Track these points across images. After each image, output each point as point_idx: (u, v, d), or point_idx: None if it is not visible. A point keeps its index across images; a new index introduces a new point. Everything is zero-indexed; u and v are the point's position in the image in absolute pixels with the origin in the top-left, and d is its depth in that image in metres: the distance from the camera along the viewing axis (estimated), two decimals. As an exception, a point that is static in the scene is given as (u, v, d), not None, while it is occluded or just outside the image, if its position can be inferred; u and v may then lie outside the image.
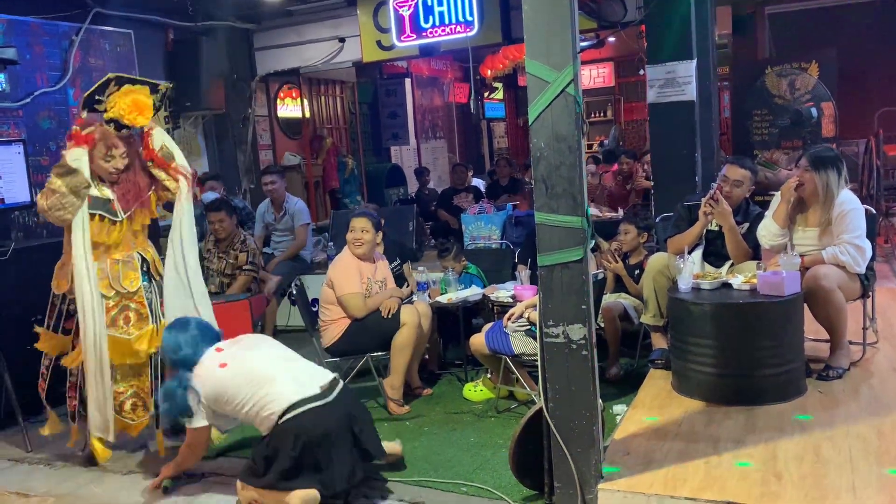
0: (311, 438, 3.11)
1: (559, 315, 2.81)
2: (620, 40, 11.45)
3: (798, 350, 3.64)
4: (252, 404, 3.23)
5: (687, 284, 3.79)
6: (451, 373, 5.02)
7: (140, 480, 3.70)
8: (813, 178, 3.84)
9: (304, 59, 7.87)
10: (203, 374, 3.36)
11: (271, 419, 3.18)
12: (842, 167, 3.84)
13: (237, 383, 3.28)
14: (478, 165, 12.42)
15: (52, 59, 6.12)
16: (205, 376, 3.35)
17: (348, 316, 4.42)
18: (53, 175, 3.63)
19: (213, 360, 3.38)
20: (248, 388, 3.25)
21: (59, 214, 3.61)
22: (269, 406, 3.19)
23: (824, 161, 3.84)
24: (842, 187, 3.83)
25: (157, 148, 3.85)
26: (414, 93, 11.57)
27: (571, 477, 2.84)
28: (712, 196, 4.04)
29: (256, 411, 3.22)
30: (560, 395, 2.86)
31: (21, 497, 3.61)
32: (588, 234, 2.77)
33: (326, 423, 3.16)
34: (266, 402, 3.20)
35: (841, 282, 3.73)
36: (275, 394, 3.21)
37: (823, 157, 3.87)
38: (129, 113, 3.70)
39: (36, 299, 4.85)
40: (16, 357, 4.60)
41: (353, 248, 4.56)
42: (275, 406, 3.18)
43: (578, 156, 2.71)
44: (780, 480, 2.76)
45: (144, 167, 3.93)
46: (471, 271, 5.27)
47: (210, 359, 3.40)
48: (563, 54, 2.66)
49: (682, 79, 5.22)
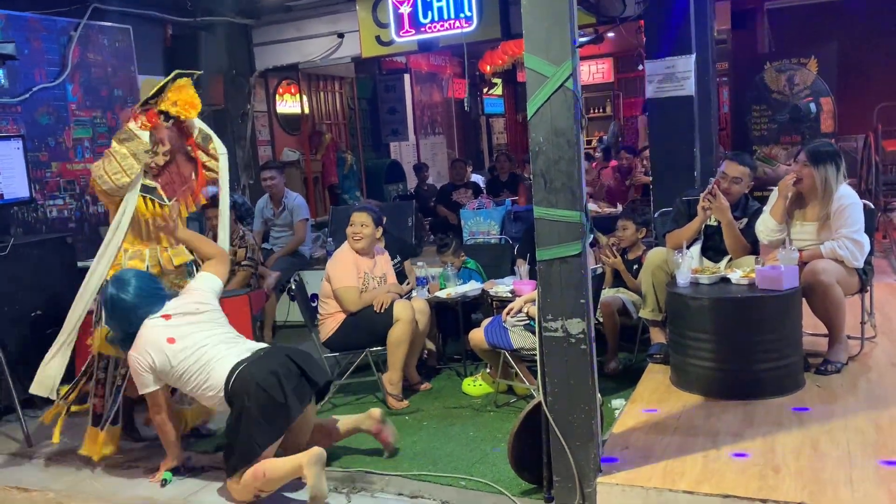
0: (262, 381, 3.22)
1: (558, 309, 2.82)
2: (619, 36, 11.44)
3: (796, 344, 3.65)
4: (195, 384, 3.36)
5: (685, 279, 3.80)
6: (450, 367, 5.03)
7: (139, 475, 3.71)
8: (811, 172, 3.85)
9: (303, 55, 7.86)
10: (151, 341, 3.39)
11: (218, 396, 3.32)
12: (840, 162, 3.84)
13: (184, 362, 3.37)
14: (477, 161, 12.42)
15: (51, 55, 6.11)
16: (153, 344, 3.39)
17: (343, 310, 4.43)
18: (114, 141, 3.76)
19: (161, 331, 3.41)
20: (194, 367, 3.36)
21: (118, 177, 3.67)
22: (212, 385, 3.33)
23: (823, 156, 3.84)
24: (840, 182, 3.83)
25: (195, 135, 4.08)
26: (413, 88, 11.56)
27: (570, 470, 2.84)
28: (710, 191, 4.04)
29: (201, 391, 3.36)
30: (559, 388, 2.86)
31: (21, 492, 3.62)
32: (587, 228, 2.77)
33: (269, 366, 3.30)
34: (209, 383, 3.33)
35: (839, 276, 3.74)
36: (217, 373, 3.32)
37: (822, 151, 3.87)
38: (183, 107, 3.83)
39: (35, 295, 4.88)
40: (15, 352, 4.62)
41: (352, 241, 4.58)
42: (216, 382, 3.32)
43: (577, 150, 2.72)
44: (777, 474, 2.77)
45: (186, 154, 4.08)
46: (469, 266, 5.28)
47: (158, 327, 3.43)
48: (561, 49, 2.66)
49: (681, 74, 5.22)
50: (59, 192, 6.19)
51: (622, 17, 5.29)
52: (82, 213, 6.39)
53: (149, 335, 3.41)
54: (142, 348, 3.39)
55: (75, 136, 6.32)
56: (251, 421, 3.21)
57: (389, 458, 3.64)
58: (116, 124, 6.70)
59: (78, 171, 6.36)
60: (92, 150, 6.47)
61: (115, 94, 6.72)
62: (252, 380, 3.23)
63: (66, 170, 6.25)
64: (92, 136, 6.47)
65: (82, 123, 6.39)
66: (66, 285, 5.09)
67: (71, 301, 4.09)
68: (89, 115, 6.45)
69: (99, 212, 6.56)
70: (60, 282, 5.05)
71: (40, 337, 4.86)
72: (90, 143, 6.46)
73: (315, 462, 3.14)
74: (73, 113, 6.30)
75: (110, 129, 6.64)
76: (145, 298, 3.47)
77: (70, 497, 3.51)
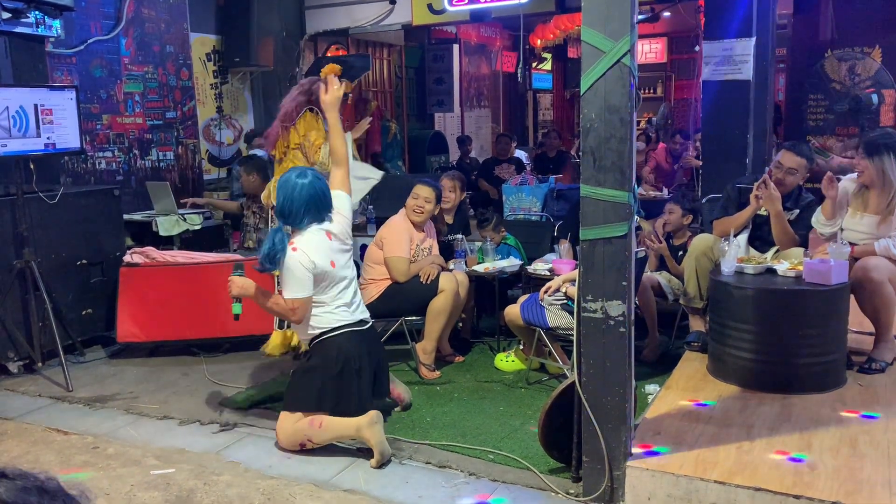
0: (350, 356, 3.35)
1: (599, 290, 2.78)
2: (675, 16, 11.18)
3: (840, 341, 3.56)
4: (317, 312, 3.40)
5: (730, 267, 3.72)
6: (483, 342, 5.02)
7: (174, 426, 3.79)
8: (868, 164, 3.74)
9: (353, 20, 7.83)
10: (322, 249, 3.36)
11: (315, 333, 3.41)
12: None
13: (331, 289, 3.40)
14: (521, 137, 12.31)
15: (107, 8, 6.18)
16: (322, 253, 3.35)
17: (391, 277, 4.44)
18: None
19: (328, 246, 3.39)
20: (331, 297, 3.41)
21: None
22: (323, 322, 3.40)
23: (878, 146, 3.72)
24: None
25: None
26: (461, 60, 11.46)
27: (600, 453, 2.83)
28: (762, 180, 3.94)
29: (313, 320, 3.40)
30: (594, 370, 2.84)
31: (61, 434, 3.72)
32: (634, 209, 2.72)
33: (360, 347, 3.41)
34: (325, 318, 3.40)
35: (892, 275, 3.63)
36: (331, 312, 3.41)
37: (877, 142, 3.75)
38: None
39: (81, 244, 4.99)
40: (60, 299, 4.73)
41: (411, 214, 4.56)
42: (321, 320, 3.40)
43: (630, 129, 2.66)
44: (813, 471, 2.72)
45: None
46: (509, 242, 5.24)
47: (325, 241, 3.39)
48: (621, 23, 2.60)
49: (739, 57, 5.08)
50: (108, 144, 6.30)
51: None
52: (130, 166, 6.50)
53: (320, 244, 3.36)
54: (313, 252, 3.31)
55: (126, 90, 6.41)
56: (328, 384, 3.35)
57: (416, 422, 3.66)
58: (167, 81, 6.78)
59: (128, 124, 6.46)
60: (142, 104, 6.56)
61: (167, 51, 6.78)
62: (343, 350, 3.37)
63: (117, 123, 6.35)
64: (143, 90, 6.55)
65: (134, 78, 6.47)
66: (111, 236, 5.21)
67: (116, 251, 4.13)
68: (141, 69, 6.52)
69: (146, 166, 6.67)
70: (106, 233, 5.16)
71: (85, 286, 5.00)
72: (141, 97, 6.54)
73: (374, 423, 3.28)
74: (125, 67, 6.38)
75: (161, 84, 6.72)
76: (322, 197, 3.41)
77: (107, 442, 3.60)
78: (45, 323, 4.53)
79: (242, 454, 3.44)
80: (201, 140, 7.30)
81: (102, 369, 4.73)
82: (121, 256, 5.07)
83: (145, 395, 4.24)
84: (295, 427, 3.38)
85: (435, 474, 3.20)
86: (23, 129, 4.39)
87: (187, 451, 3.49)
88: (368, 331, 3.53)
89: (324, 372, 3.37)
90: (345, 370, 3.36)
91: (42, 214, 4.71)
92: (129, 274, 4.89)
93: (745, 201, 4.07)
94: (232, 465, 3.34)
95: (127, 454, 3.47)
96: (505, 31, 12.55)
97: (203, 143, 7.35)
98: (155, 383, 4.44)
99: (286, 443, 3.42)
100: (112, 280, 4.99)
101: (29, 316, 4.59)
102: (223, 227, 6.25)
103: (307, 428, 3.36)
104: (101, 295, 5.06)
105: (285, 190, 3.38)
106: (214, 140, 7.52)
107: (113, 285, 4.95)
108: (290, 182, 3.39)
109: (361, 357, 3.40)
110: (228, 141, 7.67)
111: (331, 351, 3.37)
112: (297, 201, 3.35)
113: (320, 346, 3.41)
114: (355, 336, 3.43)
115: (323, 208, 3.43)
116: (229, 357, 4.86)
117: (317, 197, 3.39)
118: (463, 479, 3.14)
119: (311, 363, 3.43)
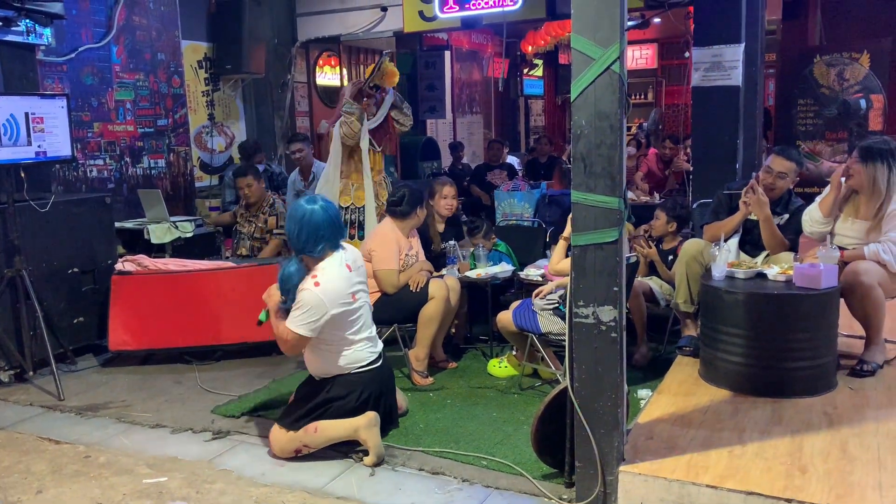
0: (372, 392, 3.43)
1: (590, 296, 2.79)
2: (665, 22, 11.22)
3: (831, 344, 3.59)
4: (340, 341, 3.40)
5: (721, 272, 3.74)
6: (476, 348, 5.03)
7: (166, 434, 3.78)
8: (861, 169, 3.77)
9: (345, 27, 7.85)
10: (337, 283, 3.32)
11: (340, 365, 3.40)
12: (894, 161, 3.74)
13: (352, 320, 3.39)
14: (513, 142, 12.32)
15: (98, 16, 6.18)
16: (335, 291, 3.31)
17: (380, 289, 4.43)
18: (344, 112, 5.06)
19: (345, 278, 3.36)
20: (351, 327, 3.40)
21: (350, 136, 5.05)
22: (346, 355, 3.40)
23: (873, 154, 3.75)
24: (894, 183, 3.73)
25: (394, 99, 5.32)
26: (453, 66, 11.48)
27: (593, 458, 2.83)
28: (750, 185, 3.97)
29: (339, 349, 3.39)
30: (586, 375, 2.84)
31: (52, 443, 3.70)
32: (625, 215, 2.73)
33: (380, 385, 3.48)
34: (349, 348, 3.41)
35: (881, 279, 3.65)
36: (358, 346, 3.43)
37: (872, 149, 3.78)
38: (389, 78, 5.26)
39: (72, 252, 4.98)
40: (51, 307, 4.72)
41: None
42: (350, 357, 3.41)
43: (620, 135, 2.67)
44: (804, 474, 2.73)
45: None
46: (500, 249, 5.25)
47: (344, 275, 3.36)
48: (610, 31, 2.61)
49: (728, 63, 5.10)
50: (99, 152, 6.29)
51: (671, 2, 5.19)
52: (121, 174, 6.49)
53: (341, 278, 3.33)
54: (332, 291, 3.28)
55: (118, 97, 6.40)
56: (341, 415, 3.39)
57: (409, 429, 3.66)
58: (159, 88, 6.78)
59: (119, 132, 6.45)
60: (134, 112, 6.56)
61: (159, 58, 6.78)
62: (366, 387, 3.41)
63: (108, 130, 6.34)
64: (134, 98, 6.55)
65: (125, 85, 6.47)
66: (103, 244, 5.20)
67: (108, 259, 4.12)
68: (132, 77, 6.52)
69: (137, 174, 6.66)
70: (98, 241, 5.15)
71: (76, 294, 4.98)
72: (132, 105, 6.54)
73: (373, 425, 3.32)
74: (116, 74, 6.37)
75: (152, 92, 6.72)
76: (334, 226, 3.39)
77: (99, 451, 3.59)
78: (37, 331, 4.51)
79: (235, 462, 3.43)
80: (193, 147, 7.29)
81: (94, 378, 4.71)
82: (112, 264, 5.06)
83: (137, 403, 4.23)
84: (289, 436, 3.38)
85: (428, 481, 3.20)
86: (13, 138, 4.38)
87: (180, 460, 3.48)
88: (384, 366, 3.56)
89: (340, 406, 3.39)
90: (359, 407, 3.39)
91: (33, 223, 4.69)
92: (121, 282, 4.88)
93: (736, 206, 4.10)
94: (224, 472, 3.33)
95: (119, 463, 3.45)
96: (496, 38, 12.58)
97: (195, 151, 7.34)
98: (147, 391, 4.42)
99: (280, 451, 3.42)
100: (104, 288, 4.97)
101: (20, 325, 4.57)
102: (215, 234, 6.24)
103: (302, 435, 3.36)
104: (92, 303, 5.05)
105: (296, 218, 3.35)
106: (206, 147, 7.52)
107: (105, 293, 4.94)
108: (300, 209, 3.37)
109: (381, 395, 3.48)
110: (220, 148, 7.67)
111: (355, 387, 3.40)
112: (310, 227, 3.32)
113: (343, 381, 3.42)
114: (377, 374, 3.48)
115: (338, 233, 3.42)
116: (222, 365, 4.85)
117: (330, 221, 3.37)
118: (456, 486, 3.14)
119: (330, 394, 3.41)
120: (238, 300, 4.74)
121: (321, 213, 3.34)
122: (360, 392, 3.40)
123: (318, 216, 3.33)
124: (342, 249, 3.45)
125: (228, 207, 6.48)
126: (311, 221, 3.32)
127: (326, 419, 3.38)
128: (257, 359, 4.86)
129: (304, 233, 3.33)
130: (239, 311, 4.70)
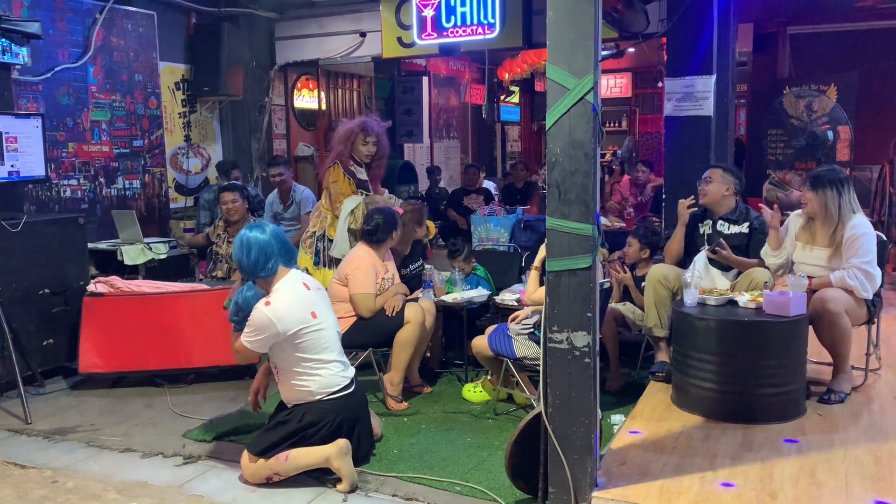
0: (345, 418, 3.42)
1: (564, 321, 2.82)
2: (639, 51, 11.46)
3: (800, 371, 3.65)
4: (312, 363, 3.39)
5: (693, 299, 3.79)
6: (451, 372, 5.03)
7: (136, 459, 3.72)
8: (812, 197, 3.89)
9: (323, 51, 7.90)
10: (294, 298, 3.37)
11: (312, 390, 3.39)
12: (844, 189, 3.85)
13: (317, 339, 3.39)
14: (490, 168, 12.42)
15: (75, 36, 6.16)
16: (292, 305, 3.35)
17: (356, 313, 4.42)
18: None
19: (304, 296, 3.41)
20: (317, 347, 3.40)
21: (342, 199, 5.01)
22: (317, 379, 3.40)
23: (822, 181, 3.87)
24: (848, 209, 3.84)
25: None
26: (430, 91, 11.57)
27: (566, 483, 2.84)
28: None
29: (312, 372, 3.39)
30: (560, 400, 2.86)
31: (18, 468, 3.63)
32: (598, 242, 2.77)
33: (352, 412, 3.48)
34: (319, 372, 3.40)
35: (848, 306, 3.73)
36: (328, 370, 3.42)
37: (823, 177, 3.90)
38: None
39: (44, 273, 4.91)
40: (21, 329, 4.64)
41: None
42: (321, 382, 3.40)
43: (594, 163, 2.72)
44: (774, 500, 2.76)
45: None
46: (478, 273, 5.28)
47: (301, 292, 3.41)
48: (584, 62, 2.67)
49: (700, 93, 5.23)
50: (74, 172, 6.23)
51: (645, 33, 5.29)
52: (95, 194, 6.43)
53: (295, 298, 3.38)
54: (283, 312, 3.30)
55: (93, 118, 6.37)
56: (312, 443, 3.37)
57: (382, 454, 3.64)
58: (135, 109, 6.75)
59: (94, 152, 6.40)
60: (109, 132, 6.52)
61: (136, 79, 6.76)
62: (339, 413, 3.41)
63: (83, 151, 6.30)
64: (110, 119, 6.52)
65: (101, 106, 6.43)
66: (75, 265, 5.14)
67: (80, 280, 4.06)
68: (108, 98, 6.49)
69: (112, 195, 6.60)
70: (70, 261, 5.09)
71: (47, 315, 4.91)
72: (108, 125, 6.50)
73: (344, 453, 3.33)
74: (92, 95, 6.34)
75: (128, 113, 6.69)
76: (282, 242, 3.45)
77: (66, 476, 3.53)
78: (5, 353, 4.43)
79: (205, 487, 3.39)
80: (168, 168, 7.26)
81: (63, 401, 4.63)
82: (84, 286, 5.00)
83: (107, 427, 4.17)
84: (259, 464, 3.36)
85: (401, 507, 3.19)
86: (-14, 157, 4.34)
87: (149, 485, 3.42)
88: (357, 391, 3.56)
89: (313, 434, 3.38)
90: (332, 434, 3.38)
91: (4, 243, 4.63)
92: (93, 303, 4.82)
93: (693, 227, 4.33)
94: (195, 498, 3.28)
95: (87, 488, 3.39)
96: (474, 65, 12.73)
97: (170, 172, 7.31)
98: (117, 415, 4.36)
99: (251, 478, 3.38)
100: (75, 309, 4.91)
101: (-12, 346, 4.49)
102: (189, 256, 6.19)
103: (273, 463, 3.34)
104: (63, 325, 4.97)
105: (242, 242, 3.41)
106: (182, 168, 7.49)
107: (76, 315, 4.88)
108: (243, 235, 3.44)
109: (355, 421, 3.48)
110: (196, 169, 7.64)
111: (327, 414, 3.40)
112: (258, 246, 3.38)
113: (316, 408, 3.41)
114: (350, 400, 3.48)
115: (288, 249, 3.49)
116: (194, 388, 4.80)
117: (276, 236, 3.45)
118: (430, 511, 3.13)
119: (303, 423, 3.39)
120: (211, 323, 4.70)
121: (266, 232, 3.44)
122: (333, 419, 3.39)
123: (263, 235, 3.42)
124: (297, 269, 3.52)
125: (203, 229, 6.44)
126: (258, 240, 3.40)
127: (298, 447, 3.36)
128: (230, 382, 4.82)
129: (252, 252, 3.38)
130: (212, 333, 4.66)
